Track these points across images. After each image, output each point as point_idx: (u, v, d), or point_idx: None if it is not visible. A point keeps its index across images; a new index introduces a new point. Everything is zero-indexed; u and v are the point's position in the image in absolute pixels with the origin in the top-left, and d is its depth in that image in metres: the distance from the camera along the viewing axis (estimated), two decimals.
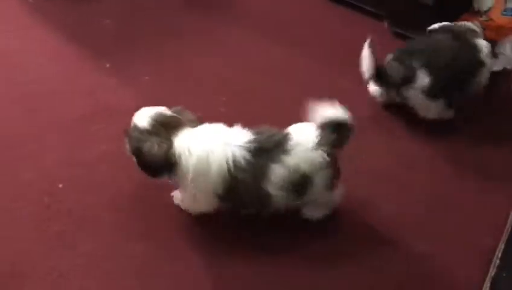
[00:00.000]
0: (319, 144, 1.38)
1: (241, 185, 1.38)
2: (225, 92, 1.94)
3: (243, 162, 1.36)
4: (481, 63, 1.82)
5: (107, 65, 1.96)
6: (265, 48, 2.17)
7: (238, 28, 2.25)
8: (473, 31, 1.91)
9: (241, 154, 1.36)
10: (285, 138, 1.40)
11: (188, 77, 2.01)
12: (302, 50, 2.17)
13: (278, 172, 1.36)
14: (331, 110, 1.40)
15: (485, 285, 1.44)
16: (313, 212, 1.52)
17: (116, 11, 2.27)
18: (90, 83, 1.88)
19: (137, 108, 1.47)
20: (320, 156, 1.38)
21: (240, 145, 1.37)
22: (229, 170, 1.36)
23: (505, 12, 2.19)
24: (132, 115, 1.46)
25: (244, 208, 1.48)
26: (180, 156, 1.36)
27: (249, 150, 1.37)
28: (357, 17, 2.34)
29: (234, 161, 1.36)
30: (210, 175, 1.37)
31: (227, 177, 1.37)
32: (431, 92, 1.79)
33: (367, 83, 1.90)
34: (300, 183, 1.39)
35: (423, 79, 1.77)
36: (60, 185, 1.55)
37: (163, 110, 1.42)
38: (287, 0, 2.42)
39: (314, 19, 2.34)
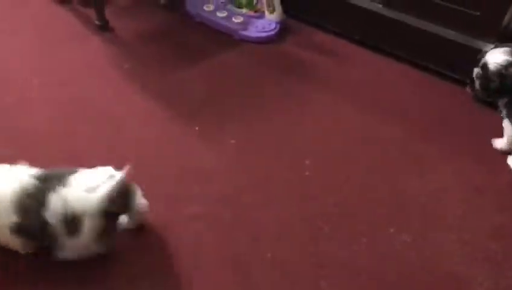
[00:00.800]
0: (94, 189, 1.43)
1: (28, 214, 1.44)
2: (309, 156, 1.95)
3: (30, 190, 1.44)
4: None
5: (196, 128, 1.95)
6: (351, 114, 2.15)
7: (325, 93, 2.25)
8: None
9: (30, 183, 1.44)
10: (70, 173, 1.46)
11: (272, 140, 2.02)
12: (390, 117, 2.13)
13: (53, 202, 1.42)
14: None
15: None
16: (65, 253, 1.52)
17: (207, 76, 2.32)
18: (178, 145, 1.99)
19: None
20: (91, 200, 1.42)
21: (30, 175, 1.47)
22: (18, 199, 1.43)
23: None
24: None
25: (33, 240, 1.51)
26: None
27: (37, 179, 1.45)
28: (439, 83, 2.29)
29: (23, 190, 1.43)
30: (3, 208, 1.44)
31: (17, 207, 1.43)
32: None
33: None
34: (71, 220, 1.42)
35: None
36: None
37: None
38: (373, 68, 2.39)
39: (399, 85, 2.31)
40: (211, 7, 2.68)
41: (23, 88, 2.24)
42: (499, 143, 1.98)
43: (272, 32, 2.56)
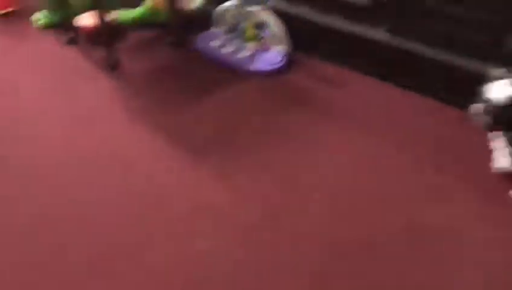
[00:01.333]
0: None
1: None
2: (320, 189, 1.95)
3: None
4: None
5: (206, 166, 1.98)
6: (360, 144, 2.16)
7: (333, 123, 2.27)
8: None
9: None
10: None
11: (285, 172, 2.04)
12: (400, 146, 2.14)
13: None
14: None
15: None
16: None
17: (216, 111, 2.37)
18: (190, 182, 2.01)
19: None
20: None
21: None
22: None
23: None
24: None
25: None
26: None
27: None
28: (448, 110, 2.30)
29: None
30: None
31: None
32: None
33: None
34: None
35: None
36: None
37: None
38: (380, 98, 2.42)
39: (407, 114, 2.32)
40: (218, 42, 2.71)
41: (33, 127, 2.30)
42: None
43: (279, 65, 2.58)
